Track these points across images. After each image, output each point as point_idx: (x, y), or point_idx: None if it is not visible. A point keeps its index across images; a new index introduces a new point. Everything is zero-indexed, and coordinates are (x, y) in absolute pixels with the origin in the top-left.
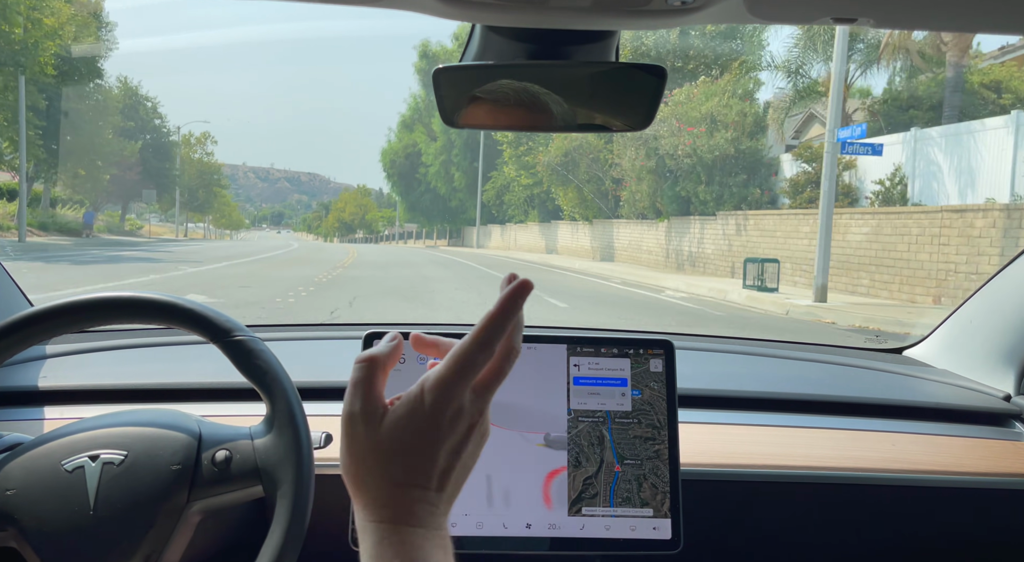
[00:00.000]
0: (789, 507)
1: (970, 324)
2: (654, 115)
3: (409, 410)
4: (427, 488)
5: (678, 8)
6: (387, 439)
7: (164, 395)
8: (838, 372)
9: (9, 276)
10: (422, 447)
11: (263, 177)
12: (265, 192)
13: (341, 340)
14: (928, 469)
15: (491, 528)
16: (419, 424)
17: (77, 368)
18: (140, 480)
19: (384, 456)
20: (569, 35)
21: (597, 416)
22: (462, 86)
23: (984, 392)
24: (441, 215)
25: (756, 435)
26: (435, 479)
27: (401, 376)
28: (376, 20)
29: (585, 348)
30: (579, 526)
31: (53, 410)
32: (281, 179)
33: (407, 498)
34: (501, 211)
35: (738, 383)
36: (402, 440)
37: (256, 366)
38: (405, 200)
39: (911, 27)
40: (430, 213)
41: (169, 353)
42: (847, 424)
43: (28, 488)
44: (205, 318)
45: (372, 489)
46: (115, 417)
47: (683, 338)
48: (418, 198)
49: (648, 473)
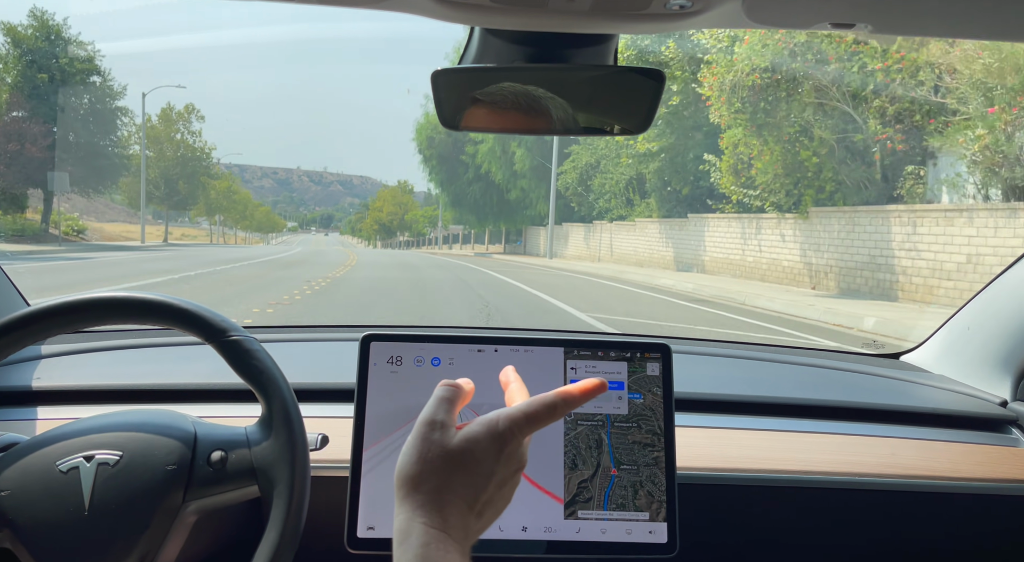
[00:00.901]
0: (785, 511)
1: (967, 330)
2: (652, 118)
3: (485, 430)
4: (471, 509)
5: (676, 12)
6: (458, 451)
7: (159, 396)
8: (835, 377)
9: (6, 276)
10: (481, 469)
11: (316, 180)
12: (319, 195)
13: (338, 342)
14: (924, 474)
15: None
16: (487, 447)
17: (72, 368)
18: (135, 480)
19: (451, 465)
20: (568, 38)
21: (596, 419)
22: (461, 89)
23: (981, 397)
24: (495, 211)
25: (753, 439)
26: (479, 504)
27: (398, 378)
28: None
29: (582, 351)
30: (575, 529)
31: (48, 410)
32: (334, 182)
33: (456, 512)
34: (584, 204)
35: (735, 387)
36: (471, 455)
37: (252, 366)
38: (447, 191)
39: (909, 33)
40: (480, 209)
41: (164, 354)
42: (844, 429)
43: (23, 489)
44: (201, 318)
45: (430, 492)
46: (110, 418)
47: (680, 342)
48: (464, 189)
49: (645, 480)
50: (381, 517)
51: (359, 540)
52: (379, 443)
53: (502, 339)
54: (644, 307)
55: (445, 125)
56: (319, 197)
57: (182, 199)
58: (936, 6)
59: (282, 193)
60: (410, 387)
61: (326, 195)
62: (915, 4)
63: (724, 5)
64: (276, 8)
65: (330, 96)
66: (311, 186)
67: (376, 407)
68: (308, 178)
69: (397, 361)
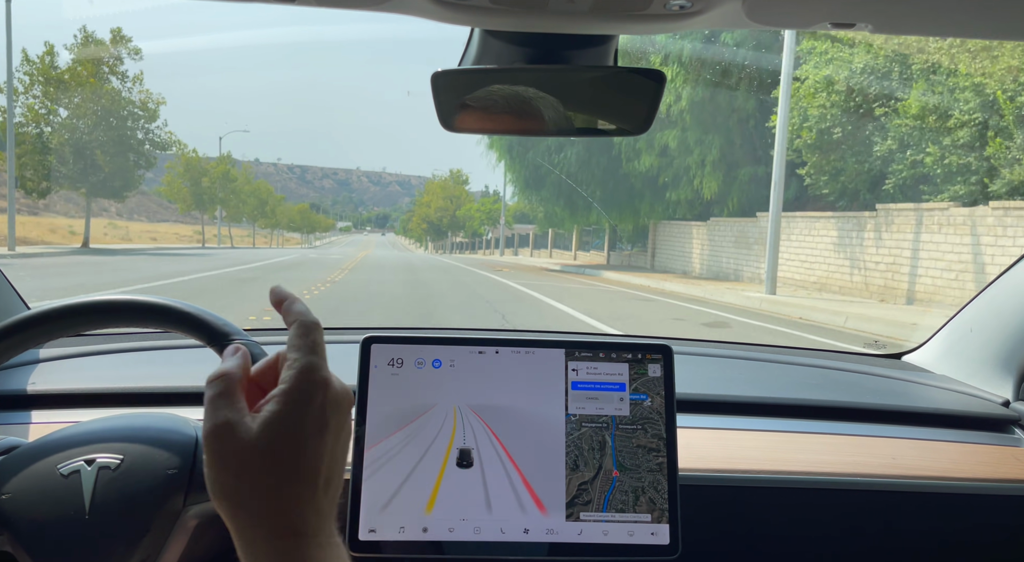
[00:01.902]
0: (788, 512)
1: (969, 330)
2: (652, 119)
3: (289, 403)
4: (315, 489)
5: (676, 12)
6: (267, 441)
7: (159, 399)
8: (837, 377)
9: (7, 280)
10: (307, 444)
11: (375, 181)
12: (377, 195)
13: (339, 344)
14: (927, 475)
15: (488, 533)
16: (302, 418)
17: (72, 372)
18: (136, 484)
19: (267, 460)
20: (568, 39)
21: (600, 421)
22: (461, 90)
23: (983, 397)
24: (614, 193)
25: (755, 440)
26: (322, 479)
27: (399, 380)
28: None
29: (583, 353)
30: (577, 531)
31: (49, 414)
32: (392, 182)
33: (298, 505)
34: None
35: (737, 388)
36: (286, 438)
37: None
38: (517, 163)
39: (909, 33)
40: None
41: (163, 357)
42: (846, 429)
43: (23, 491)
44: (203, 322)
45: (257, 500)
46: (112, 421)
47: (682, 343)
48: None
49: (647, 487)
50: (382, 520)
51: (360, 543)
52: (379, 445)
53: (503, 340)
54: None
55: (444, 127)
56: (377, 197)
57: (106, 180)
58: (937, 5)
59: (342, 193)
60: (411, 389)
61: (384, 195)
62: (916, 3)
63: (724, 5)
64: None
65: (392, 96)
66: (370, 186)
67: (377, 409)
68: (367, 178)
69: (398, 363)
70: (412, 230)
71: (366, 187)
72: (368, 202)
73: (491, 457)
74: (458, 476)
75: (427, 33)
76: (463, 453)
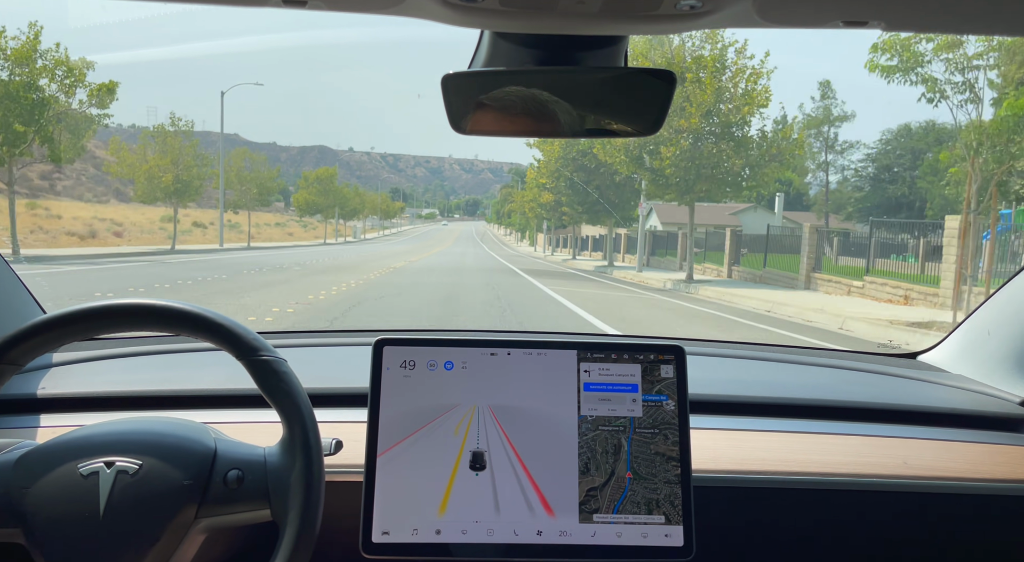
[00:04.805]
0: (802, 513)
1: (985, 329)
2: (663, 120)
3: None
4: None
5: (687, 12)
6: None
7: (174, 402)
8: (852, 377)
9: (23, 284)
10: None
11: (467, 168)
12: (469, 183)
13: (352, 347)
14: (943, 475)
15: (501, 535)
16: None
17: (87, 375)
18: (151, 492)
19: None
20: (578, 41)
21: (617, 424)
22: (470, 92)
23: (999, 397)
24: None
25: (769, 441)
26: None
27: (411, 382)
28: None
29: (595, 354)
30: (590, 533)
31: (66, 418)
32: (484, 170)
33: None
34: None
35: (751, 389)
36: None
37: (279, 389)
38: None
39: (922, 30)
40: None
41: (176, 360)
42: (861, 429)
43: (42, 487)
44: (234, 334)
45: None
46: (134, 424)
47: (694, 343)
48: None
49: (663, 500)
50: (396, 522)
51: (374, 545)
52: (393, 448)
53: (515, 342)
54: None
55: (455, 129)
56: (469, 185)
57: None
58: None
59: (433, 181)
60: (423, 391)
61: (476, 183)
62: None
63: (735, 5)
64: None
65: None
66: (462, 174)
67: (390, 411)
68: (459, 166)
69: (410, 365)
70: (512, 217)
71: (458, 175)
72: (460, 190)
73: (502, 460)
74: (470, 478)
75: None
76: (476, 456)
